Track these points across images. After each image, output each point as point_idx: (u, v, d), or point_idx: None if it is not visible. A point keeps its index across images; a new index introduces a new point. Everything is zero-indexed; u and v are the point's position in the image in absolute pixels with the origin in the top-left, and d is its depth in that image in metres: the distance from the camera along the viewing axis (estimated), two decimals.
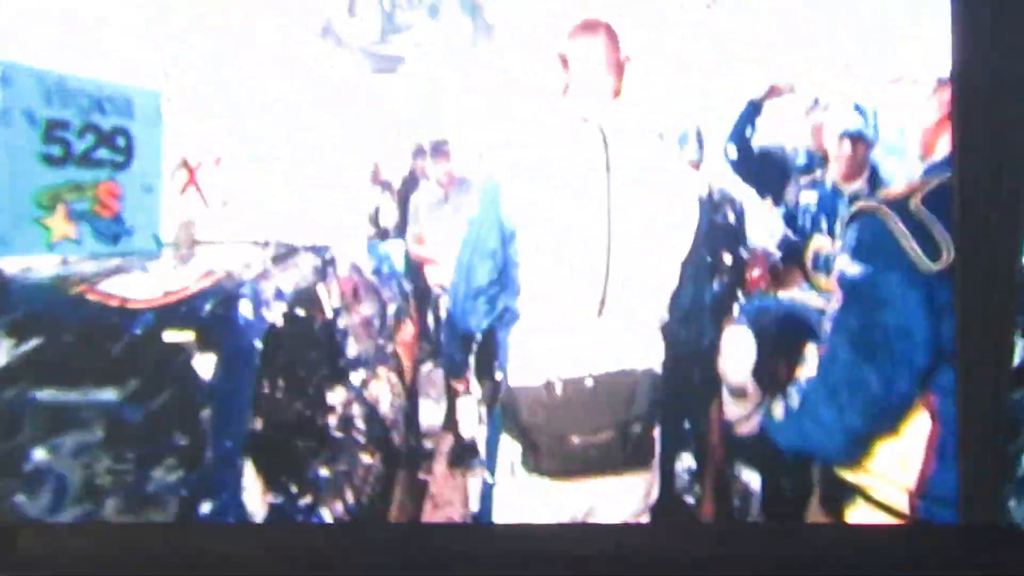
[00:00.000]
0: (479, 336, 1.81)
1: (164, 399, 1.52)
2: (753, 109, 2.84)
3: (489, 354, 1.79)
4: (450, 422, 3.33)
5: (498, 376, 1.72)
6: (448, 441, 3.33)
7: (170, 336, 1.61)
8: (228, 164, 2.45)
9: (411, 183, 4.68)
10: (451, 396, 3.30)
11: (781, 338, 1.76)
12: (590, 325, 1.57)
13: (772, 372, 1.59)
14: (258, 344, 1.75)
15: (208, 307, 1.70)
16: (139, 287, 1.75)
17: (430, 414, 3.53)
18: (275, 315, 1.88)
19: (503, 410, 1.62)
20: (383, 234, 4.96)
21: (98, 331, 1.64)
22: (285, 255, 2.29)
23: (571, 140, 1.58)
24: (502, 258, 1.64)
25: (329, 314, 2.36)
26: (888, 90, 2.63)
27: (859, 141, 2.51)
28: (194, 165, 2.32)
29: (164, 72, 3.27)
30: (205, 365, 1.59)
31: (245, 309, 1.76)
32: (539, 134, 1.64)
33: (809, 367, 1.37)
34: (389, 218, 5.05)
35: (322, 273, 2.44)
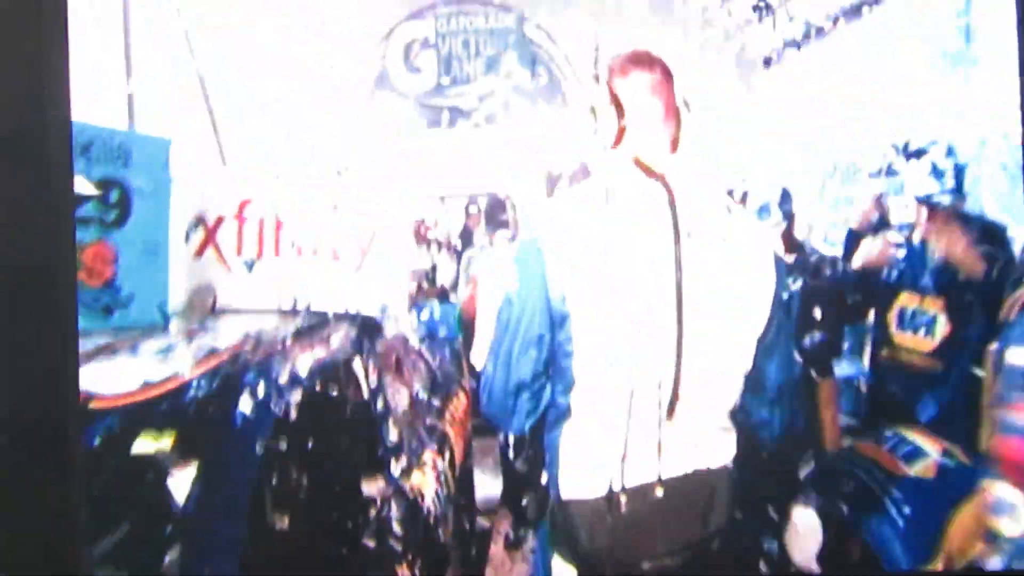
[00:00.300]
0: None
1: (112, 543, 1.12)
2: (853, 239, 2.81)
3: (534, 459, 1.54)
4: (509, 496, 3.02)
5: (544, 482, 1.45)
6: (506, 520, 3.04)
7: (139, 446, 1.24)
8: (255, 221, 2.15)
9: (465, 239, 4.54)
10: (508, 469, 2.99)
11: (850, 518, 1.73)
12: (659, 425, 1.28)
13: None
14: (260, 447, 1.38)
15: (198, 403, 1.34)
16: (115, 378, 1.38)
17: (486, 488, 3.23)
18: (290, 406, 1.52)
19: (553, 528, 1.38)
20: (441, 294, 4.78)
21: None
22: (312, 328, 1.95)
23: (632, 200, 1.26)
24: (549, 345, 1.30)
25: (365, 395, 2.01)
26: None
27: (931, 207, 2.38)
28: (212, 222, 2.02)
29: (211, 115, 3.08)
30: (181, 485, 1.21)
31: (247, 403, 1.39)
32: (595, 193, 1.30)
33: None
34: (446, 276, 4.88)
35: (358, 345, 2.09)
